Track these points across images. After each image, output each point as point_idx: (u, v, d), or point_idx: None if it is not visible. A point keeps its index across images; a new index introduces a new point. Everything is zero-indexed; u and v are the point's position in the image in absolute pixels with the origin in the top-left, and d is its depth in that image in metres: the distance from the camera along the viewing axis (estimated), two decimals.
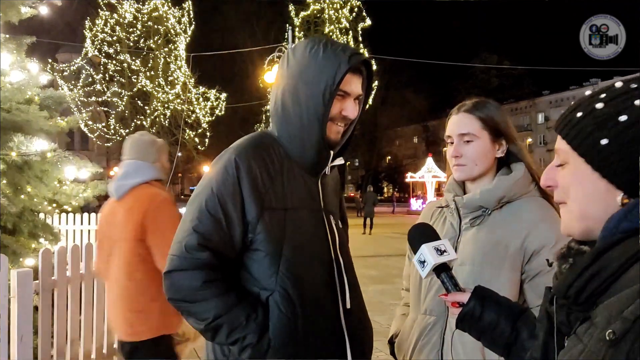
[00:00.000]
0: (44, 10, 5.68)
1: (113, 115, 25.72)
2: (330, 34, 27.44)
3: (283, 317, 1.51)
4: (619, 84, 0.94)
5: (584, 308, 0.90)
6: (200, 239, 1.52)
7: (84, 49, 24.07)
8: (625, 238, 0.87)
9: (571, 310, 0.95)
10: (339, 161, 1.72)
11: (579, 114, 0.96)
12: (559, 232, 1.70)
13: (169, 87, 24.90)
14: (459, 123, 1.78)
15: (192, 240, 1.52)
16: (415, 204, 35.97)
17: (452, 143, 1.80)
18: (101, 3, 24.22)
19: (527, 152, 1.82)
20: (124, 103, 25.12)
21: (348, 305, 1.62)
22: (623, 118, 0.89)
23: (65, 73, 23.53)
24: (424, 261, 1.34)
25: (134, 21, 24.79)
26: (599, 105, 0.93)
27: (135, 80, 24.90)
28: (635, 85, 0.92)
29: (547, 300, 1.05)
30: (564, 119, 0.99)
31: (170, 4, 25.27)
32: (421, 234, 1.40)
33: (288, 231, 1.56)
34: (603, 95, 0.94)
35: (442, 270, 1.34)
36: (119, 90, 25.23)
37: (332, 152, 1.67)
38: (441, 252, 1.34)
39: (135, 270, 2.74)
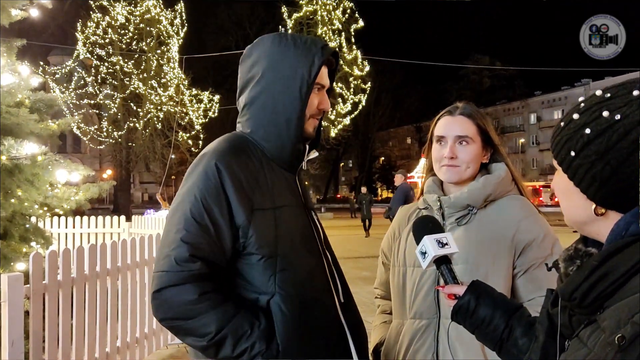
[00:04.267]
0: (34, 13, 5.65)
1: (105, 118, 25.61)
2: (323, 35, 27.43)
3: (287, 318, 1.47)
4: (598, 92, 0.93)
5: (588, 311, 0.89)
6: (191, 249, 1.42)
7: (76, 52, 23.96)
8: (634, 241, 0.86)
9: (574, 313, 0.94)
10: (314, 154, 1.69)
11: (562, 124, 0.96)
12: (545, 226, 1.74)
13: (161, 89, 24.80)
14: (456, 125, 1.78)
15: (183, 252, 1.42)
16: None
17: (442, 143, 1.80)
18: (93, 5, 24.11)
19: (507, 156, 1.87)
20: (116, 105, 25.01)
21: (342, 299, 1.61)
22: (587, 131, 0.89)
23: (57, 76, 23.41)
24: (425, 252, 1.36)
25: (126, 23, 24.69)
26: (575, 116, 0.93)
27: (127, 83, 24.79)
28: (609, 95, 0.91)
29: (550, 302, 1.05)
30: (554, 128, 1.00)
31: (162, 5, 25.19)
32: (424, 226, 1.41)
33: (280, 230, 1.52)
34: (582, 105, 0.94)
35: (442, 262, 1.36)
36: (112, 92, 25.11)
37: (307, 146, 1.65)
38: (443, 244, 1.36)
39: None
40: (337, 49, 1.72)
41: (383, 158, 68.42)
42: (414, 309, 1.75)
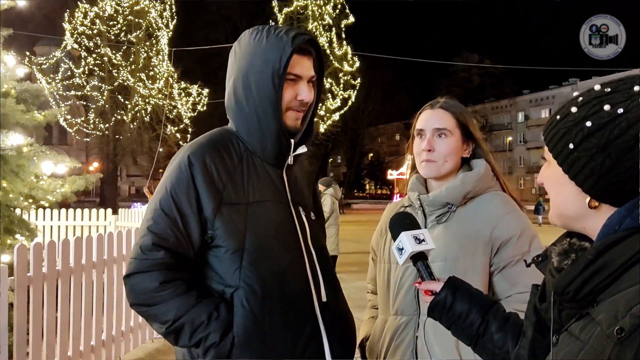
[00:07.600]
0: (21, 2, 5.57)
1: (93, 110, 25.36)
2: (314, 30, 27.36)
3: (247, 313, 1.48)
4: (597, 87, 0.94)
5: (580, 305, 0.89)
6: (155, 239, 1.49)
7: (63, 42, 23.66)
8: (628, 235, 0.87)
9: (563, 307, 0.95)
10: (302, 149, 1.67)
11: (558, 117, 0.97)
12: (524, 223, 1.75)
13: (150, 81, 24.58)
14: (435, 118, 1.79)
15: (147, 240, 1.50)
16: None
17: (421, 137, 1.80)
18: None
19: (489, 151, 1.86)
20: (104, 97, 24.75)
21: (324, 298, 1.59)
22: (588, 124, 0.90)
23: (43, 66, 23.12)
24: (402, 248, 1.37)
25: (115, 14, 24.41)
26: (574, 109, 0.94)
27: (115, 75, 24.54)
28: (609, 89, 0.92)
29: (537, 297, 1.06)
30: (548, 121, 1.00)
31: None
32: (402, 222, 1.41)
33: (250, 225, 1.53)
34: (580, 99, 0.95)
35: (419, 259, 1.37)
36: (99, 84, 24.85)
37: (292, 141, 1.63)
38: (420, 240, 1.36)
39: None
40: (314, 35, 1.69)
41: (372, 154, 68.58)
42: (396, 306, 1.76)
